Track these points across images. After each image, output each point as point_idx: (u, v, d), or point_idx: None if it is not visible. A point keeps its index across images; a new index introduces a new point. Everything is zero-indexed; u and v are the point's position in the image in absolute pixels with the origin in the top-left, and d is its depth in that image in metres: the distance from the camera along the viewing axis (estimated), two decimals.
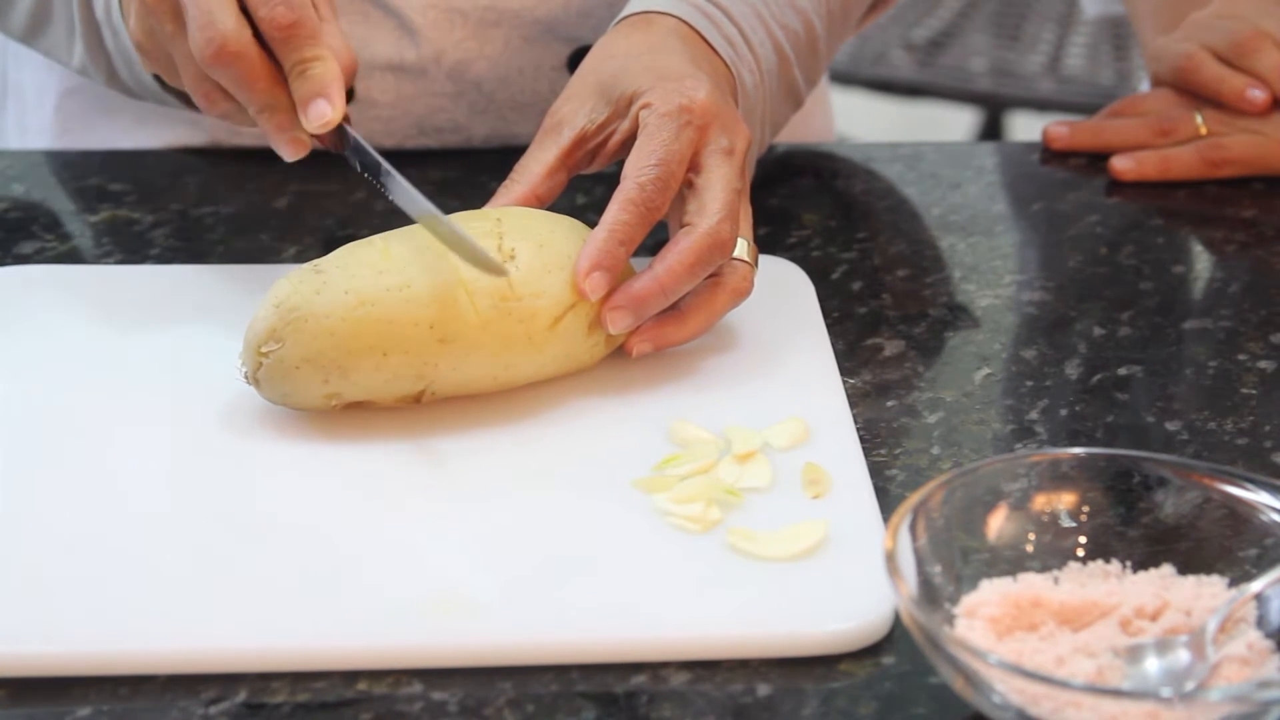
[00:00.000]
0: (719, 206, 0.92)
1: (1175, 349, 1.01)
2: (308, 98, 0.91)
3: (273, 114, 0.92)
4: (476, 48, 1.17)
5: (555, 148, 0.96)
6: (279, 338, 0.87)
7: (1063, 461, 0.80)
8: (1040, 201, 1.18)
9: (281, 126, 0.93)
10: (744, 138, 0.96)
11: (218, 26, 0.90)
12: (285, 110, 0.92)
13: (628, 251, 0.91)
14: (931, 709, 0.75)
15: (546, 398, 0.91)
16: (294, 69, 0.91)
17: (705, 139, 0.94)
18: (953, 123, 2.76)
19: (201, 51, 0.91)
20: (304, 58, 0.91)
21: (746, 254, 0.95)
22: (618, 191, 0.92)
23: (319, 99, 0.91)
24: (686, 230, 0.92)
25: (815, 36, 1.10)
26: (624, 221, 0.91)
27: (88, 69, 1.09)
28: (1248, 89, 1.19)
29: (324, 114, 0.91)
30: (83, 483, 0.85)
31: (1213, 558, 0.77)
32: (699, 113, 0.94)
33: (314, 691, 0.75)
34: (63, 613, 0.77)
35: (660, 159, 0.92)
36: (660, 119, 0.93)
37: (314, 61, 0.91)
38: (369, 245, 0.89)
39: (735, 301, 0.95)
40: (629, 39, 1.01)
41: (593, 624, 0.77)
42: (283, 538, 0.82)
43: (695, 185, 0.94)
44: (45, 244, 1.09)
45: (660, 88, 0.95)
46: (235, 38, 0.90)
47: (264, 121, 0.93)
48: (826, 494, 0.85)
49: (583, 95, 0.97)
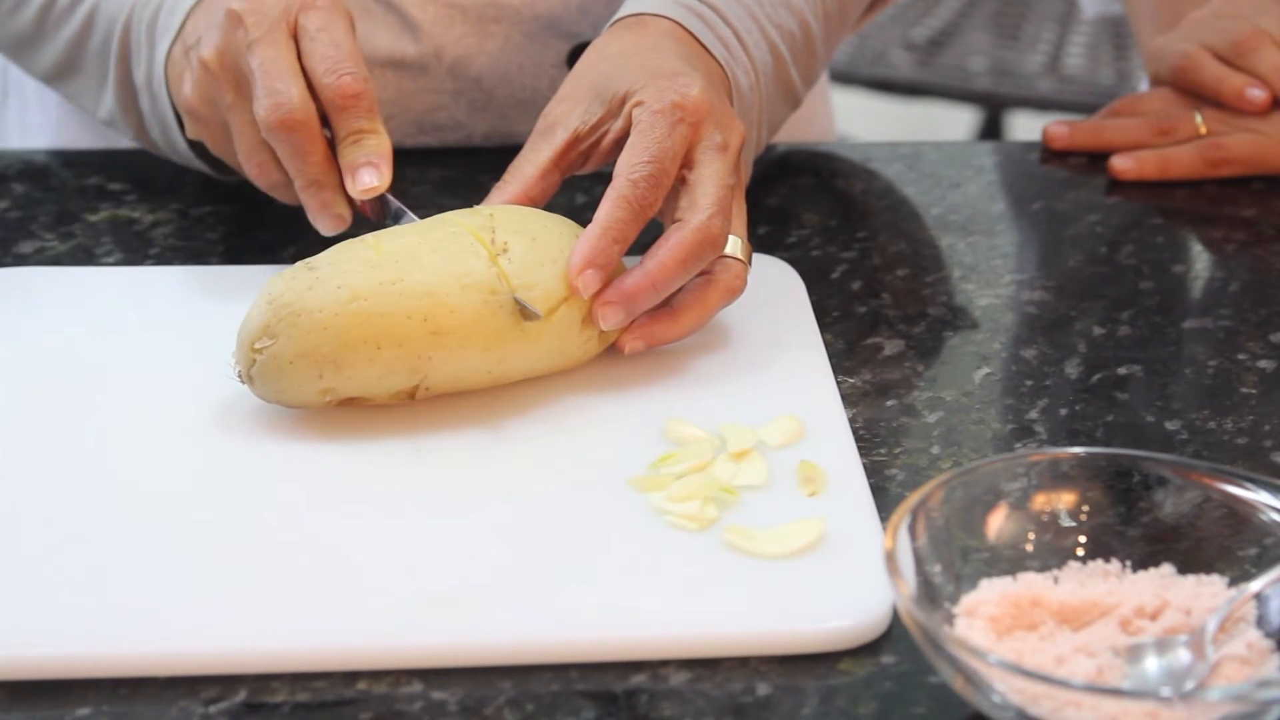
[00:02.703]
0: (710, 202, 0.92)
1: (1175, 348, 1.01)
2: (356, 164, 0.96)
3: (319, 190, 0.97)
4: (476, 44, 1.17)
5: (548, 149, 0.97)
6: (272, 334, 0.87)
7: (1062, 461, 0.80)
8: (1040, 201, 1.18)
9: (325, 204, 0.97)
10: (738, 134, 0.96)
11: (285, 94, 0.95)
12: (331, 188, 0.97)
13: (621, 249, 0.91)
14: (931, 708, 0.75)
15: (541, 396, 0.92)
16: (349, 137, 0.96)
17: (699, 135, 0.94)
18: (952, 122, 2.76)
19: (268, 117, 0.94)
20: (361, 129, 0.96)
21: (740, 251, 0.95)
22: (610, 189, 0.92)
23: (369, 167, 0.95)
24: (677, 226, 0.92)
25: (812, 36, 1.10)
26: (617, 219, 0.91)
27: (115, 122, 1.11)
28: (1247, 88, 1.19)
29: (370, 182, 0.95)
30: (81, 483, 0.85)
31: (1212, 557, 0.77)
32: (692, 109, 0.94)
33: (314, 691, 0.75)
34: (62, 613, 0.77)
35: (653, 156, 0.92)
36: (653, 116, 0.93)
37: (369, 134, 0.96)
38: (361, 243, 0.90)
39: (728, 299, 0.95)
40: (622, 40, 1.01)
41: (592, 623, 0.77)
42: (282, 538, 0.82)
43: (688, 181, 0.94)
44: (45, 244, 1.09)
45: (653, 85, 0.95)
46: (302, 107, 0.95)
47: (309, 196, 0.97)
48: (822, 491, 0.85)
49: (576, 96, 0.98)
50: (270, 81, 0.94)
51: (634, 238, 0.92)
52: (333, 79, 0.95)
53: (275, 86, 0.94)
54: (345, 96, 0.95)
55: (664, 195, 0.93)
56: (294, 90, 0.95)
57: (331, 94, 0.95)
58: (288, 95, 0.94)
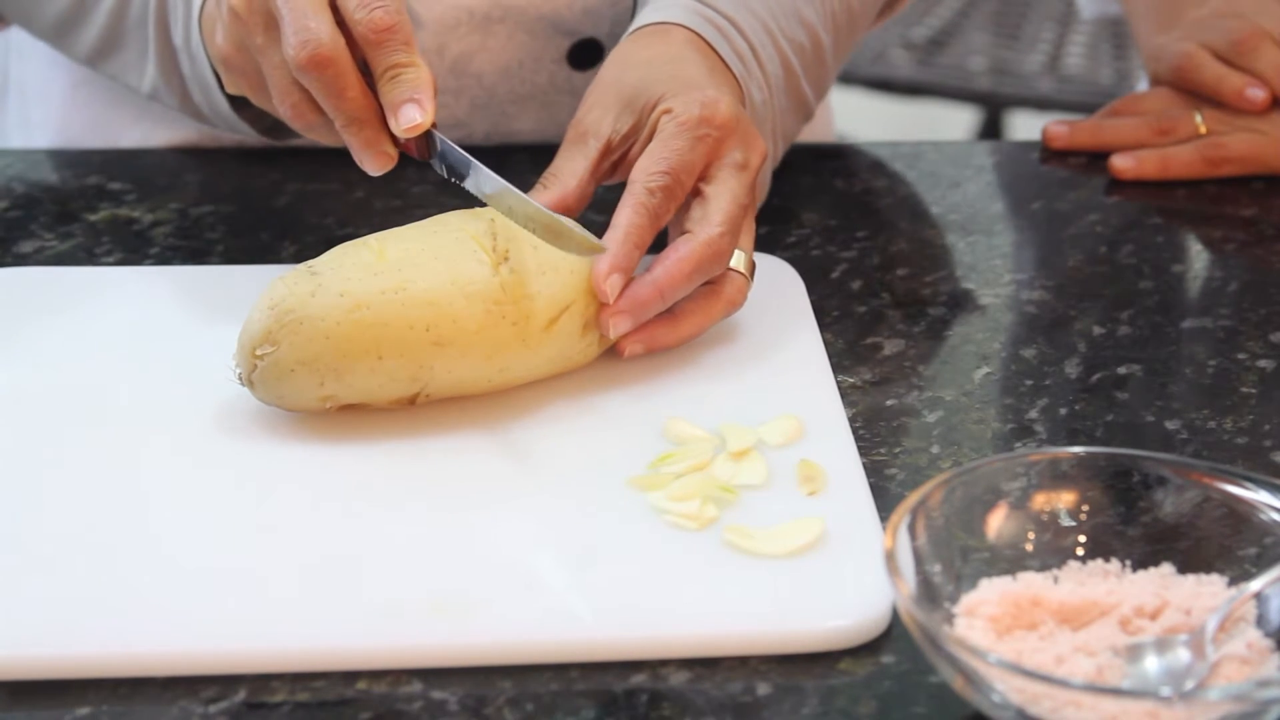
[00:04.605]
0: (722, 219, 0.93)
1: (1175, 348, 1.01)
2: (399, 101, 0.91)
3: (360, 128, 0.93)
4: (479, 40, 1.17)
5: (584, 158, 0.97)
6: (274, 340, 0.87)
7: (1062, 460, 0.80)
8: (1040, 200, 1.18)
9: (369, 142, 0.93)
10: (759, 153, 0.96)
11: (314, 31, 0.91)
12: (373, 125, 0.92)
13: (641, 255, 0.92)
14: (931, 708, 0.75)
15: (540, 396, 0.92)
16: (386, 73, 0.92)
17: (720, 151, 0.95)
18: (952, 122, 2.76)
19: (296, 55, 0.91)
20: (398, 63, 0.91)
21: (743, 265, 0.95)
22: (627, 194, 0.93)
23: (410, 103, 0.91)
24: (687, 238, 0.93)
25: (822, 50, 1.10)
26: (637, 225, 0.92)
27: (159, 92, 1.10)
28: (1247, 88, 1.19)
29: (414, 119, 0.91)
30: (80, 483, 0.85)
31: (1212, 557, 0.77)
32: (718, 125, 0.94)
33: (314, 691, 0.75)
34: (62, 613, 0.77)
35: (670, 166, 0.93)
36: (678, 127, 0.94)
37: (408, 67, 0.91)
38: (363, 246, 0.89)
39: (729, 312, 0.96)
40: (649, 48, 1.01)
41: (592, 623, 0.77)
42: (282, 538, 0.82)
43: (704, 194, 0.94)
44: (45, 244, 1.09)
45: (683, 95, 0.95)
46: (330, 43, 0.91)
47: (351, 135, 0.93)
48: (822, 490, 0.85)
49: (606, 104, 0.98)
50: (297, 19, 0.92)
51: (650, 244, 0.93)
52: (364, 14, 0.92)
53: (302, 24, 0.91)
54: (378, 31, 0.91)
55: (677, 206, 0.94)
56: (322, 26, 0.92)
57: (364, 29, 0.92)
58: (315, 32, 0.91)
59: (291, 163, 1.19)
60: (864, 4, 1.15)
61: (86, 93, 1.24)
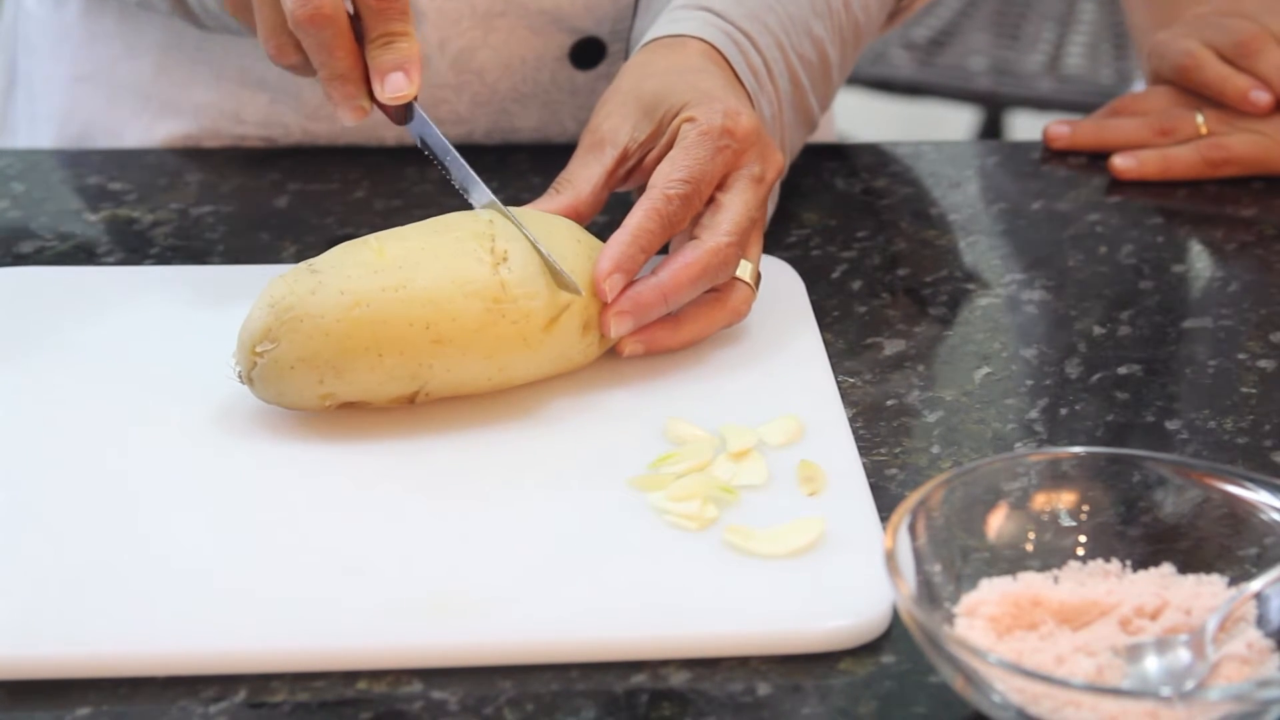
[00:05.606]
0: (731, 228, 0.93)
1: (1175, 348, 1.01)
2: (387, 68, 0.92)
3: (343, 84, 0.93)
4: (481, 36, 1.17)
5: (599, 165, 0.97)
6: (274, 337, 0.87)
7: (1063, 461, 0.80)
8: (1040, 200, 1.18)
9: (349, 96, 0.94)
10: (775, 168, 0.97)
11: None
12: (356, 81, 0.93)
13: (645, 259, 0.92)
14: (931, 708, 0.75)
15: (540, 396, 0.92)
16: (380, 38, 0.92)
17: (739, 163, 0.95)
18: (953, 122, 2.76)
19: (296, 10, 0.91)
20: (393, 31, 0.92)
21: (749, 276, 0.96)
22: (644, 197, 0.93)
23: (398, 72, 0.92)
24: (694, 244, 0.93)
25: (829, 64, 1.11)
26: (646, 229, 0.92)
27: None
28: (1251, 90, 1.19)
29: (400, 87, 0.92)
30: (80, 482, 0.85)
31: (1212, 557, 0.77)
32: (740, 137, 0.95)
33: (314, 691, 0.75)
34: (63, 613, 0.77)
35: (691, 175, 0.93)
36: (701, 135, 0.94)
37: (401, 36, 0.92)
38: (364, 245, 0.89)
39: (732, 321, 0.96)
40: (667, 58, 1.01)
41: (592, 623, 0.77)
42: (281, 538, 0.82)
43: (717, 201, 0.95)
44: (45, 244, 1.09)
45: (706, 105, 0.96)
46: (331, 2, 0.91)
47: (333, 89, 0.94)
48: (822, 491, 0.85)
49: (624, 112, 0.98)
50: None
51: (657, 249, 0.93)
52: None
53: None
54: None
55: (692, 215, 0.94)
56: None
57: None
58: None
59: (291, 163, 1.19)
60: (870, 19, 1.16)
61: (89, 87, 1.24)
